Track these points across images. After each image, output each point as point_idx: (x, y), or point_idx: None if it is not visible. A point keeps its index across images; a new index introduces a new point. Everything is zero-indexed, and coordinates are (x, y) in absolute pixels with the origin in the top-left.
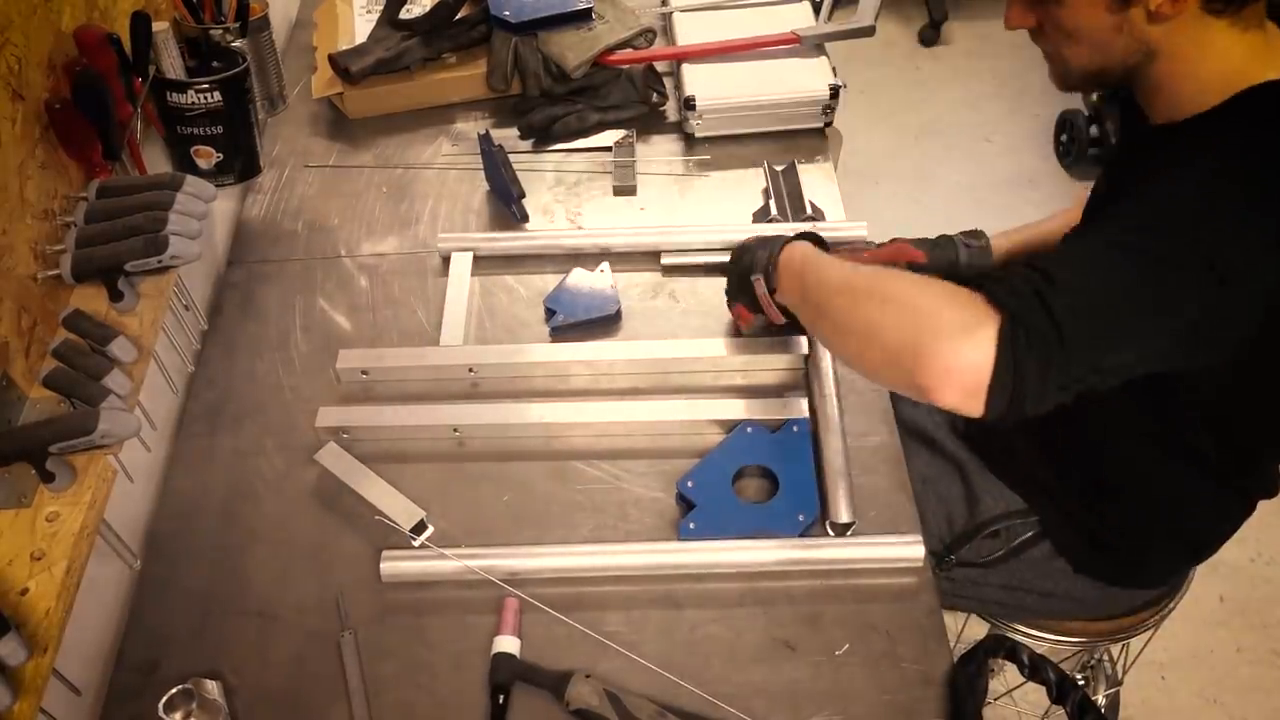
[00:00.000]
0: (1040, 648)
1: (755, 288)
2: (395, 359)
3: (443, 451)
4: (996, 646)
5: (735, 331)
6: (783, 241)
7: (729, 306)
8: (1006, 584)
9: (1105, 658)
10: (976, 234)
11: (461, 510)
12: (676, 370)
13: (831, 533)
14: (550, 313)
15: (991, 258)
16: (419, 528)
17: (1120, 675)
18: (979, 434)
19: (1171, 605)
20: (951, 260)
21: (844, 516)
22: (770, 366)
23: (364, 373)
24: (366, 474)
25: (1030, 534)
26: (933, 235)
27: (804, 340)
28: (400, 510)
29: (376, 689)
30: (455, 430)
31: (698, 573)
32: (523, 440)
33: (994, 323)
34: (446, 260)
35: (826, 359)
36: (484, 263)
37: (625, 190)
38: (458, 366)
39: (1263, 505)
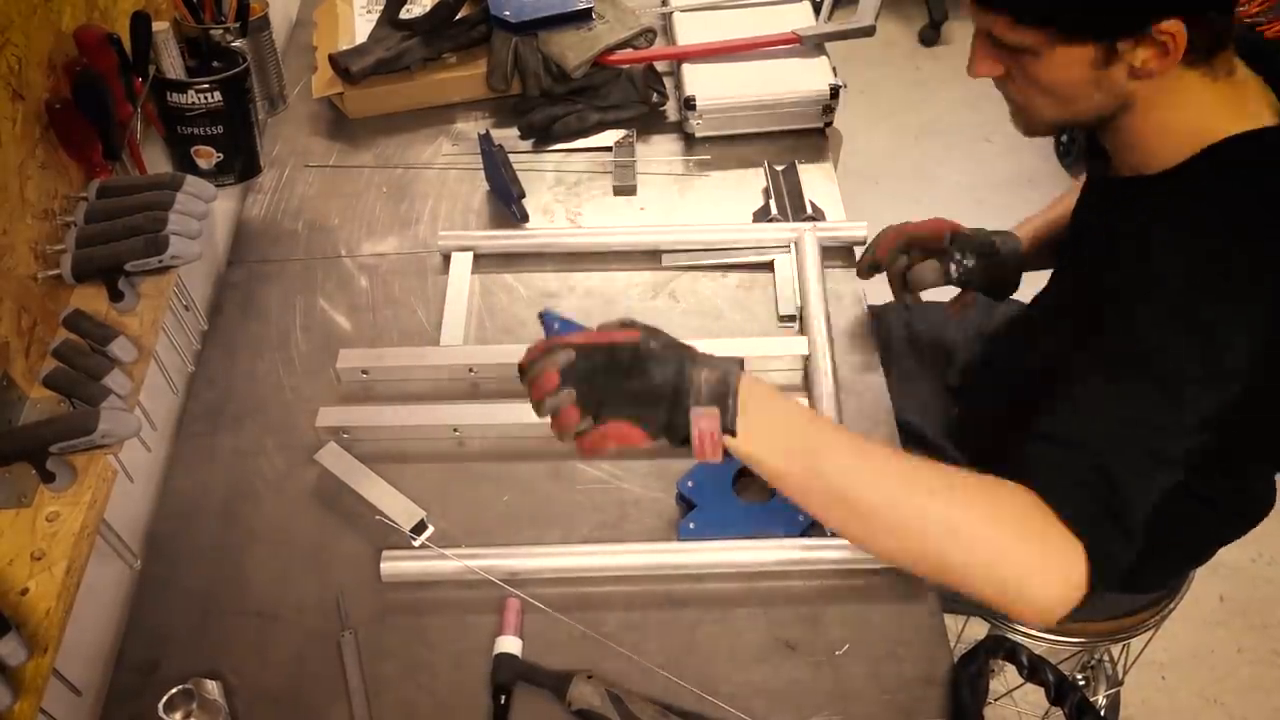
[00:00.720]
0: (1039, 648)
1: (699, 421)
2: (395, 359)
3: (443, 451)
4: (996, 647)
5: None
6: (731, 370)
7: (568, 418)
8: None
9: (1105, 658)
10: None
11: (461, 510)
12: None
13: (828, 532)
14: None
15: (1021, 244)
16: (419, 528)
17: (1121, 675)
18: (972, 437)
19: (1172, 606)
20: (987, 242)
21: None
22: (770, 367)
23: (364, 372)
24: (366, 474)
25: None
26: None
27: (804, 340)
28: (400, 510)
29: (376, 689)
30: (455, 430)
31: (698, 573)
32: (522, 440)
33: (1078, 559)
34: (447, 259)
35: (826, 360)
36: (484, 262)
37: (625, 190)
38: (458, 366)
39: None
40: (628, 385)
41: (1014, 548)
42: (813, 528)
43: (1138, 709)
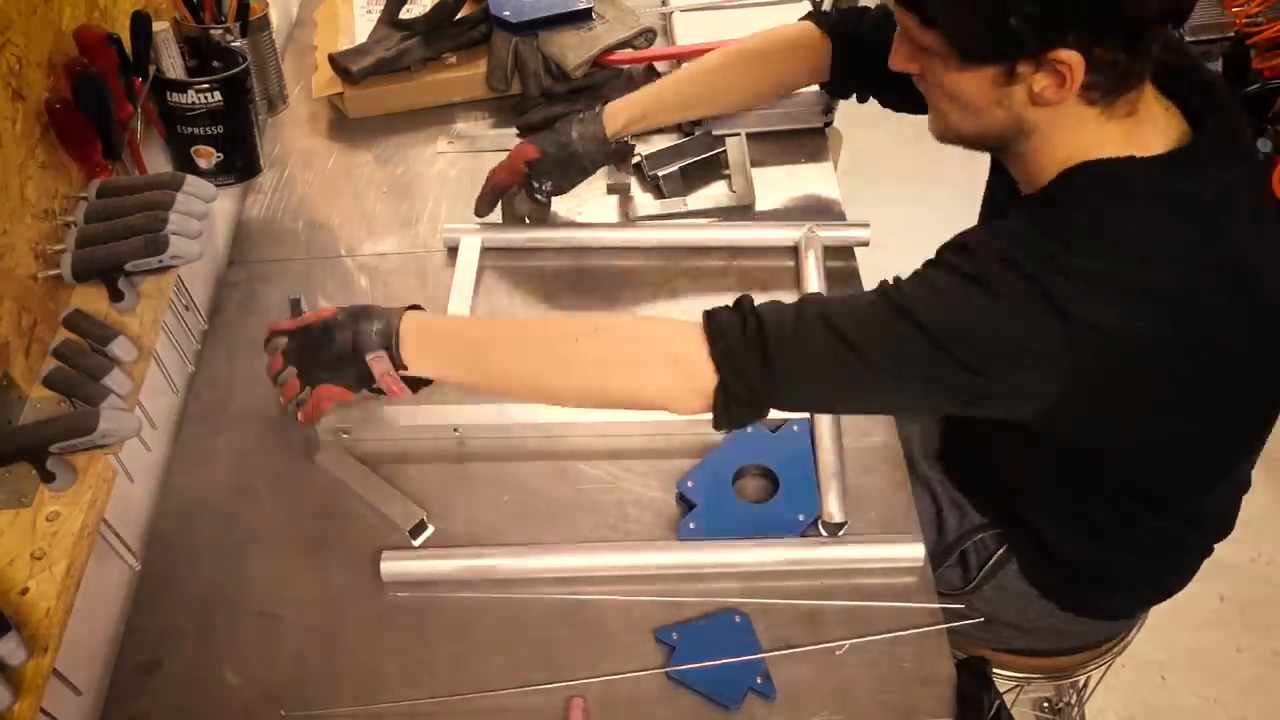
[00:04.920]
0: (1005, 686)
1: (375, 365)
2: None
3: (443, 451)
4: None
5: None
6: (394, 315)
7: (289, 390)
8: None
9: (1074, 699)
10: (595, 105)
11: (461, 510)
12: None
13: (824, 532)
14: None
15: (603, 129)
16: (419, 528)
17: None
18: (952, 457)
19: (1129, 639)
20: (563, 143)
21: (836, 517)
22: None
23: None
24: (367, 474)
25: (995, 557)
26: (934, 236)
27: None
28: (400, 510)
29: (377, 689)
30: (456, 430)
31: (698, 572)
32: (523, 440)
33: (708, 381)
34: (453, 251)
35: None
36: (485, 261)
37: (619, 189)
38: None
39: (1263, 505)
40: (322, 355)
41: (651, 370)
42: (812, 527)
43: (1138, 709)
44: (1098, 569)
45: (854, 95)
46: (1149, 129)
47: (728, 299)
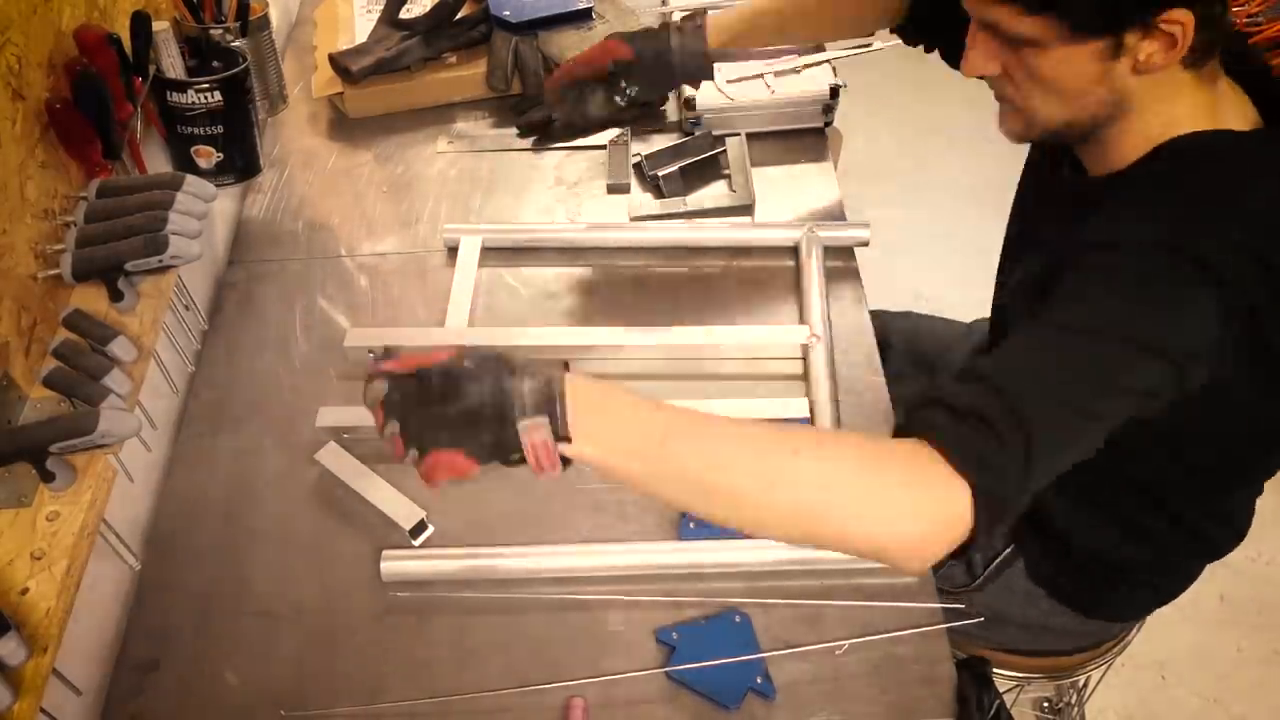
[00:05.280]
0: (1005, 686)
1: (530, 435)
2: (406, 338)
3: None
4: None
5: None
6: (553, 373)
7: (396, 451)
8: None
9: (1074, 699)
10: (693, 16)
11: (462, 510)
12: (682, 358)
13: None
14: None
15: (705, 41)
16: (419, 528)
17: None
18: None
19: (1129, 639)
20: (660, 50)
21: None
22: (769, 354)
23: (370, 352)
24: (367, 474)
25: (1002, 556)
26: (935, 235)
27: (804, 329)
28: (401, 511)
29: (377, 689)
30: None
31: (698, 572)
32: None
33: (960, 497)
34: (453, 251)
35: (821, 359)
36: (485, 261)
37: (619, 189)
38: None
39: (1263, 506)
40: (443, 411)
41: (886, 490)
42: None
43: (1138, 709)
44: (1109, 564)
45: (922, 45)
46: (1227, 101)
47: (727, 298)
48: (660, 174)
